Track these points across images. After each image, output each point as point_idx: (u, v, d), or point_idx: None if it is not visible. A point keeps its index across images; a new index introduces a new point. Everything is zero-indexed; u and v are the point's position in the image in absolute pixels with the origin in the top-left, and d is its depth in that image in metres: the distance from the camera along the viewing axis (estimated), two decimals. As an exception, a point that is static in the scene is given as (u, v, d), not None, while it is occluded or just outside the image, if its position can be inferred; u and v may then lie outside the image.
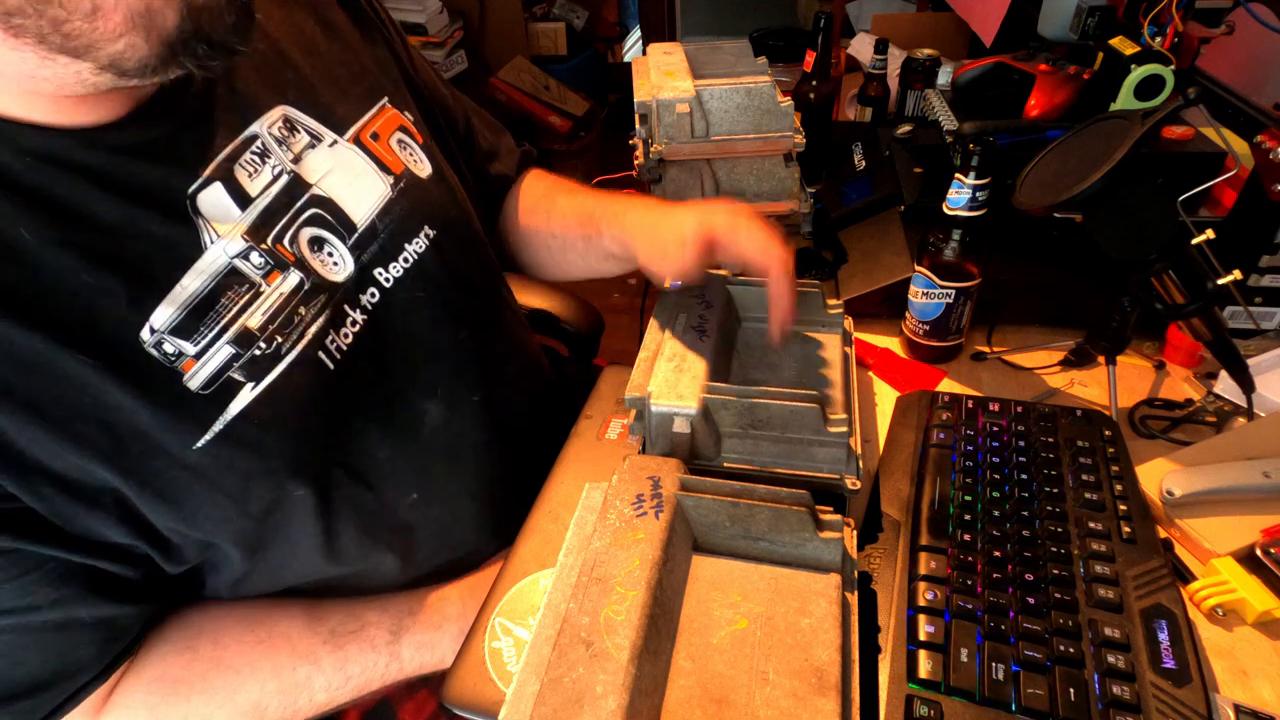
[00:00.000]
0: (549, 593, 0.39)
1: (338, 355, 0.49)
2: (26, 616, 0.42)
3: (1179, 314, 0.57)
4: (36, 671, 0.43)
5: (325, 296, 0.49)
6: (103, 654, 0.45)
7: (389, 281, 0.53)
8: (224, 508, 0.45)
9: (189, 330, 0.43)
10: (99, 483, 0.41)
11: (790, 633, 0.39)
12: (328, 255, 0.50)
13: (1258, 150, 0.62)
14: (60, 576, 0.42)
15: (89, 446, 0.40)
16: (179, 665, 0.49)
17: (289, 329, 0.47)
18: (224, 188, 0.45)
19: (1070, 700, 0.40)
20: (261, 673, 0.50)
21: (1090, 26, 0.82)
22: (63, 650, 0.44)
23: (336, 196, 0.51)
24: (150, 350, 0.41)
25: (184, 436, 0.42)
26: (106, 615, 0.45)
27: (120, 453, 0.41)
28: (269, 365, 0.45)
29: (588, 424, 0.62)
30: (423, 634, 0.55)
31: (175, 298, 0.42)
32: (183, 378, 0.42)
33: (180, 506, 0.43)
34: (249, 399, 0.44)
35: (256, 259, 0.46)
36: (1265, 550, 0.49)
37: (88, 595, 0.43)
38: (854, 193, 0.85)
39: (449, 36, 2.57)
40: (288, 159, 0.49)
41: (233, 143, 0.46)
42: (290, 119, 0.50)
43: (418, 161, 0.58)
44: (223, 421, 0.43)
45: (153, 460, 0.42)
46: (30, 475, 0.39)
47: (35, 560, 0.41)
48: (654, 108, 0.75)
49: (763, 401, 0.48)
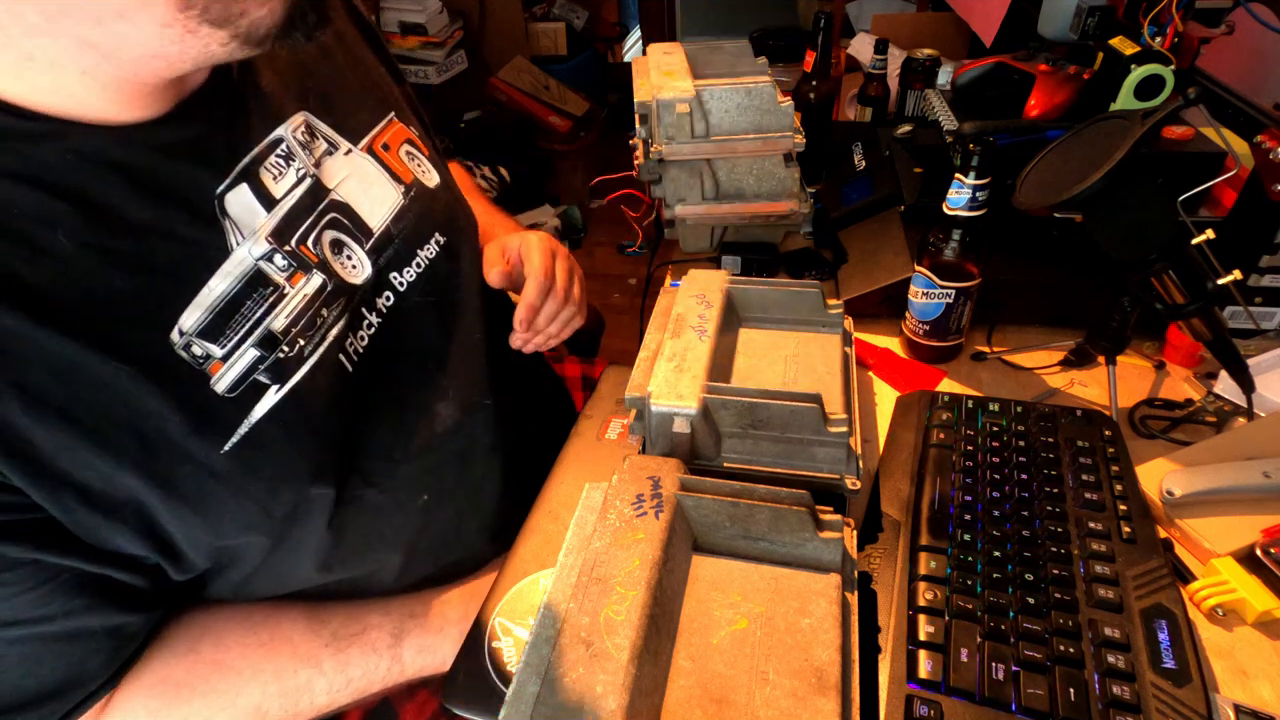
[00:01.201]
0: (549, 593, 0.39)
1: (355, 357, 0.50)
2: (40, 627, 0.42)
3: (1179, 314, 0.57)
4: (47, 680, 0.43)
5: (345, 299, 0.50)
6: (111, 662, 0.45)
7: (403, 285, 0.54)
8: (250, 512, 0.45)
9: (216, 333, 0.43)
10: (123, 493, 0.41)
11: (790, 633, 0.39)
12: (347, 258, 0.51)
13: (1258, 150, 0.62)
14: (75, 587, 0.42)
15: (119, 454, 0.40)
16: (181, 668, 0.49)
17: (312, 331, 0.47)
18: (250, 189, 0.45)
19: (1070, 700, 0.40)
20: (263, 675, 0.50)
21: (1090, 26, 0.82)
22: (73, 659, 0.43)
23: (353, 202, 0.52)
24: (180, 353, 0.41)
25: (211, 441, 0.42)
26: (116, 624, 0.45)
27: (150, 460, 0.41)
28: (293, 368, 0.46)
29: (588, 424, 0.62)
30: (424, 637, 0.56)
31: (202, 300, 0.42)
32: (210, 380, 0.42)
33: (207, 513, 0.43)
34: (273, 401, 0.45)
35: (281, 261, 0.46)
36: (1265, 550, 0.49)
37: (99, 605, 0.43)
38: (854, 193, 0.85)
39: (449, 36, 2.56)
40: (310, 163, 0.49)
41: (259, 145, 0.47)
42: (311, 125, 0.51)
43: (425, 172, 0.59)
44: (248, 424, 0.44)
45: (181, 466, 0.42)
46: (57, 486, 0.39)
47: (53, 570, 0.41)
48: (654, 108, 0.75)
49: (763, 401, 0.48)
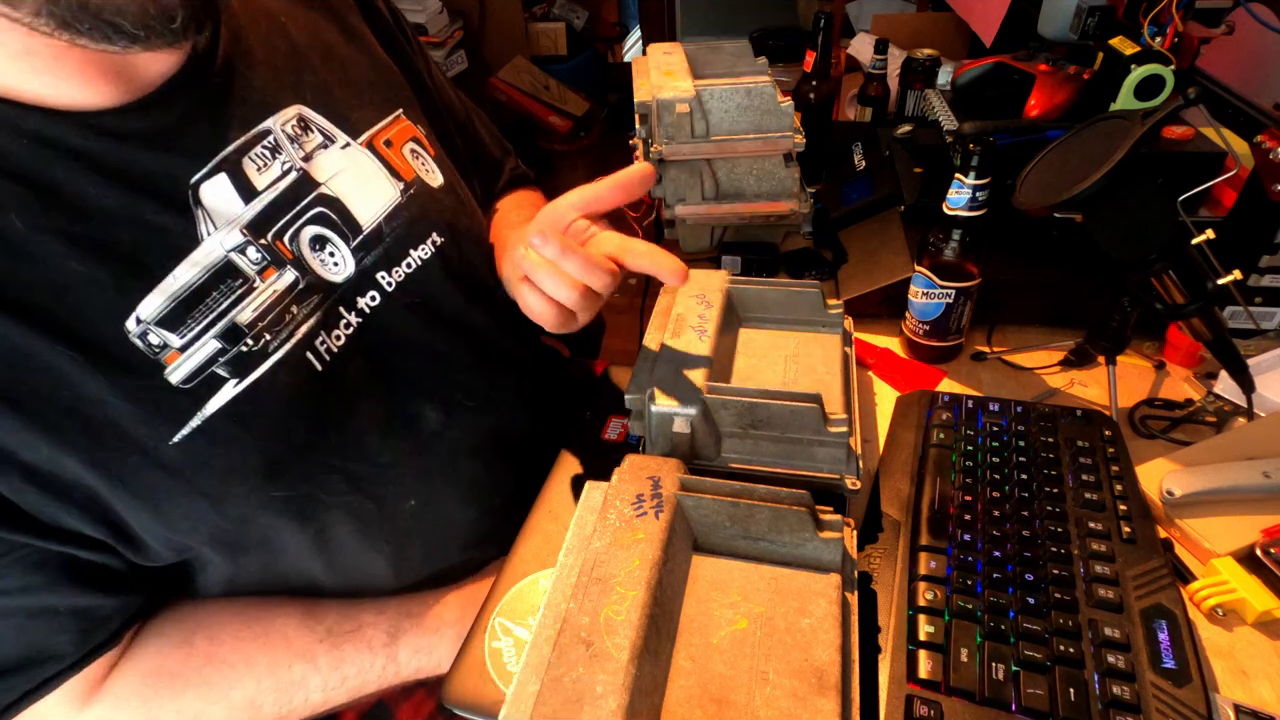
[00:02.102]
0: (549, 593, 0.39)
1: (327, 357, 0.49)
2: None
3: (1179, 314, 0.57)
4: (7, 654, 0.43)
5: (320, 297, 0.49)
6: (80, 644, 0.45)
7: (390, 286, 0.53)
8: (199, 507, 0.45)
9: (176, 322, 0.42)
10: (71, 477, 0.41)
11: (790, 633, 0.39)
12: (329, 255, 0.50)
13: (1258, 150, 0.62)
14: (34, 564, 0.42)
15: (64, 440, 0.40)
16: (175, 659, 0.49)
17: (278, 327, 0.46)
18: (229, 179, 0.45)
19: (1070, 700, 0.40)
20: (257, 669, 0.50)
21: (1090, 26, 0.82)
22: (34, 637, 0.44)
23: (344, 197, 0.51)
24: (135, 341, 0.41)
25: (160, 431, 0.42)
26: (83, 605, 0.45)
27: (95, 446, 0.41)
28: (254, 362, 0.45)
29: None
30: (420, 637, 0.55)
31: (166, 288, 0.42)
32: (164, 370, 0.42)
33: (156, 505, 0.43)
34: (230, 395, 0.44)
35: (253, 254, 0.46)
36: (1265, 550, 0.49)
37: (62, 584, 0.43)
38: (854, 193, 0.85)
39: (449, 36, 2.56)
40: (298, 157, 0.49)
41: (244, 136, 0.46)
42: (305, 118, 0.50)
43: (429, 171, 0.59)
44: (201, 417, 0.43)
45: (128, 456, 0.42)
46: (3, 464, 0.39)
47: (6, 545, 0.41)
48: (654, 108, 0.75)
49: (763, 401, 0.48)
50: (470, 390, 0.58)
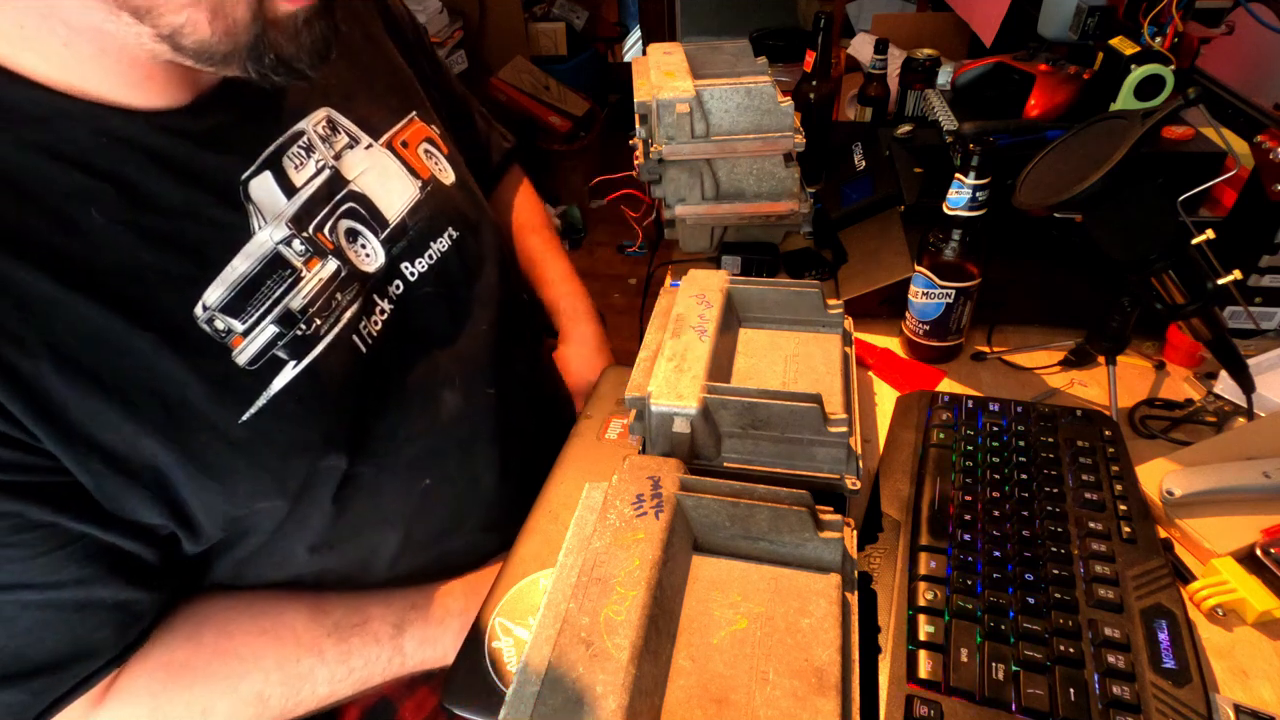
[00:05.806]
0: (549, 593, 0.39)
1: (369, 340, 0.52)
2: (50, 593, 0.42)
3: (1179, 314, 0.57)
4: (54, 650, 0.43)
5: (358, 285, 0.52)
6: (119, 638, 0.46)
7: (413, 275, 0.57)
8: (263, 481, 0.47)
9: (238, 309, 0.45)
10: (145, 458, 0.43)
11: (790, 633, 0.39)
12: (361, 247, 0.53)
13: (1258, 150, 0.62)
14: (88, 555, 0.43)
15: (143, 418, 0.42)
16: (184, 652, 0.49)
17: (327, 313, 0.49)
18: (273, 176, 0.48)
19: (1070, 700, 0.40)
20: (265, 663, 0.51)
21: (1090, 26, 0.82)
22: (81, 631, 0.44)
23: (371, 193, 0.55)
24: (203, 326, 0.44)
25: (231, 410, 0.45)
26: (125, 598, 0.46)
27: (172, 424, 0.43)
28: (309, 345, 0.48)
29: (588, 424, 0.62)
30: (426, 629, 0.56)
31: (226, 278, 0.45)
32: (231, 353, 0.45)
33: (223, 480, 0.45)
34: (291, 376, 0.47)
35: (298, 245, 0.49)
36: (1265, 550, 0.49)
37: (109, 576, 0.44)
38: (854, 193, 0.85)
39: (449, 36, 2.56)
40: (330, 155, 0.53)
41: (282, 136, 0.50)
42: (333, 120, 0.54)
43: (443, 170, 0.62)
44: (266, 396, 0.46)
45: (200, 433, 0.44)
46: (87, 451, 0.41)
47: (69, 536, 0.42)
48: (654, 108, 0.75)
49: (763, 401, 0.48)
50: (486, 376, 0.61)
